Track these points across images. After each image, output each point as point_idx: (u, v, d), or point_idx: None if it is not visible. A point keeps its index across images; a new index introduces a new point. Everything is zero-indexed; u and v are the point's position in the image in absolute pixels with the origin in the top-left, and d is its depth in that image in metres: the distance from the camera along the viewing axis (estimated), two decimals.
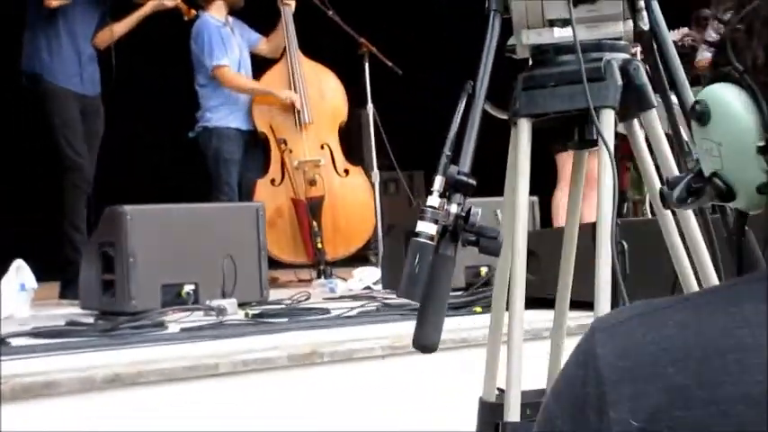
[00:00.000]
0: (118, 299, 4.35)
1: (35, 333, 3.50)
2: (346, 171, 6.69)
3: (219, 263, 4.53)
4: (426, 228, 1.76)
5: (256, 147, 6.65)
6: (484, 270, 5.05)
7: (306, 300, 4.75)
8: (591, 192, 6.91)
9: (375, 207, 6.33)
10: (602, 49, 1.97)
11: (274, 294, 4.85)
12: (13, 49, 5.75)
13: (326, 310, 4.03)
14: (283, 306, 4.44)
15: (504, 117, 2.16)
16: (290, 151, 6.52)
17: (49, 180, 5.80)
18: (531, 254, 3.89)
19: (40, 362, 2.88)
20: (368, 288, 5.74)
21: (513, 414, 1.89)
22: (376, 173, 6.21)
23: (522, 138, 1.99)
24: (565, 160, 6.57)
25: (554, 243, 4.05)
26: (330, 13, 6.50)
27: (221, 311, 4.07)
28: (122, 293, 4.34)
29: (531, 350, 2.24)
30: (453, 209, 1.76)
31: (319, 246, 6.45)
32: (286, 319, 3.83)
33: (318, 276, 6.49)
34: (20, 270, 4.74)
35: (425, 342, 1.76)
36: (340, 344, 3.04)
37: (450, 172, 1.79)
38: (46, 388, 2.58)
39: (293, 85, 6.66)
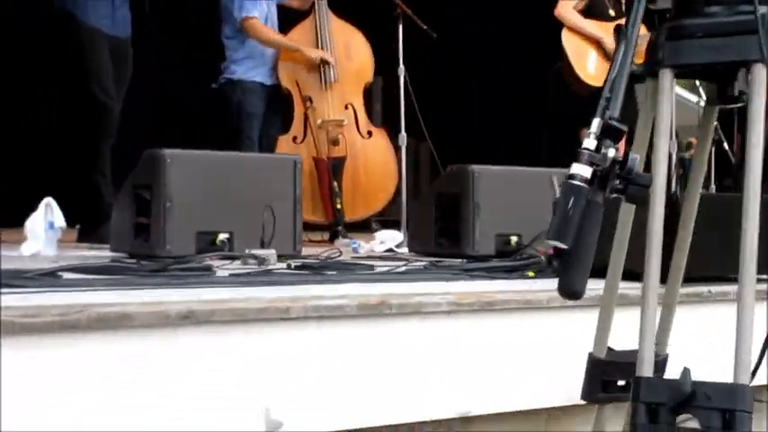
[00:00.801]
0: (152, 243, 4.27)
1: (83, 268, 3.41)
2: (369, 132, 6.62)
3: (255, 213, 4.46)
4: (582, 170, 1.70)
5: (279, 103, 6.57)
6: (513, 239, 5.01)
7: (338, 257, 4.67)
8: None
9: (400, 170, 6.24)
10: (752, 2, 1.92)
11: None
12: None
13: (371, 266, 3.96)
14: (321, 260, 4.36)
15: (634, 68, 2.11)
16: (314, 109, 6.45)
17: (75, 123, 5.69)
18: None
19: (108, 294, 2.80)
20: (390, 251, 5.68)
21: (646, 369, 1.84)
22: (403, 135, 6.12)
23: (665, 89, 1.94)
24: None
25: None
26: None
27: (263, 261, 4.01)
28: (157, 238, 4.26)
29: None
30: (611, 153, 1.70)
31: (339, 206, 6.39)
32: (335, 272, 3.75)
33: (333, 238, 6.44)
34: (48, 208, 4.65)
35: (573, 288, 1.70)
36: (409, 296, 2.97)
37: (605, 117, 1.73)
38: (121, 320, 2.51)
39: (320, 43, 6.58)
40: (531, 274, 3.78)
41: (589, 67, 6.38)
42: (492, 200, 5.01)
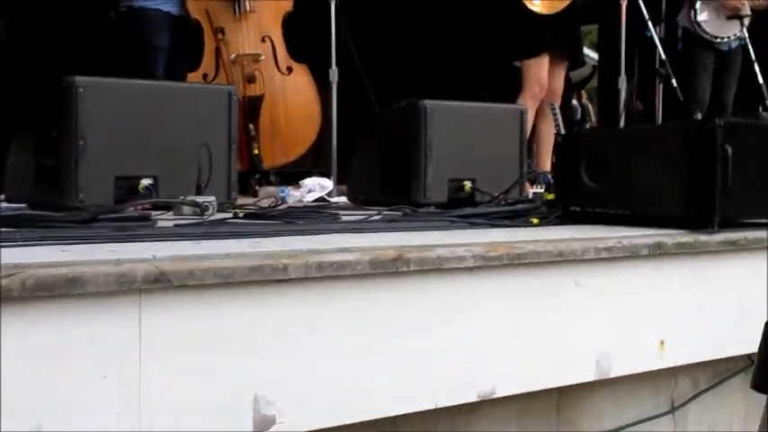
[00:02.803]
0: (63, 191, 3.50)
1: None
2: (289, 68, 5.89)
3: (183, 155, 3.74)
4: None
5: (186, 36, 5.80)
6: (468, 185, 4.41)
7: (277, 206, 3.99)
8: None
9: (331, 110, 5.52)
10: None
11: None
12: None
13: (337, 215, 3.29)
14: (271, 209, 3.66)
15: None
16: (227, 42, 5.70)
17: None
18: (596, 157, 3.25)
19: (40, 251, 2.09)
20: (322, 200, 5.02)
21: None
22: (334, 70, 5.41)
23: None
24: (529, 67, 5.98)
25: (632, 146, 3.43)
26: None
27: (205, 209, 3.31)
28: (67, 184, 3.49)
29: None
30: None
31: (255, 151, 5.69)
32: (302, 222, 3.06)
33: (247, 189, 5.74)
34: None
35: None
36: (428, 249, 2.31)
37: None
38: (71, 285, 1.81)
39: None
40: (534, 221, 3.16)
41: None
42: (445, 140, 4.38)
